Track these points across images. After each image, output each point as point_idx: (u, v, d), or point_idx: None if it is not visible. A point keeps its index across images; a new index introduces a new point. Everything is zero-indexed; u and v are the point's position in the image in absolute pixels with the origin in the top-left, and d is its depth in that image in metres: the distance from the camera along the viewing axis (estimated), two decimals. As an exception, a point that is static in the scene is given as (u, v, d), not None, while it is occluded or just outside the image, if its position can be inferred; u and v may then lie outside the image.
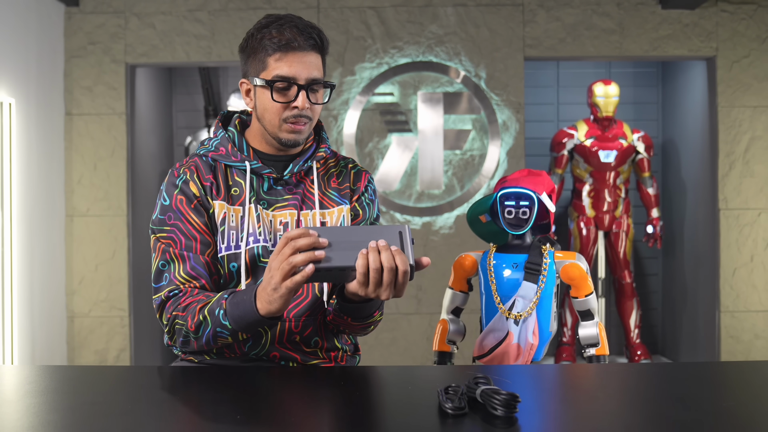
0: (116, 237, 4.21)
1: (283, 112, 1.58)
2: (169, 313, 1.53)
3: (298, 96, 1.57)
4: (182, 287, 1.55)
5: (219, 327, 1.47)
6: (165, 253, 1.57)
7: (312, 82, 1.58)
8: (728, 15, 4.22)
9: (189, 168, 1.63)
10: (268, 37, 1.56)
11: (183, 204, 1.59)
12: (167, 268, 1.57)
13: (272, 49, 1.55)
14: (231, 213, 1.60)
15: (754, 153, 4.23)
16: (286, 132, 1.59)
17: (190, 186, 1.60)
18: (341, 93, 4.25)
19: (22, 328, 3.67)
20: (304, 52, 1.56)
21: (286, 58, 1.55)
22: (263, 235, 1.60)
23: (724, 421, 1.17)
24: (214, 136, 1.68)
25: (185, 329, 1.51)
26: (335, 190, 1.69)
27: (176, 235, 1.58)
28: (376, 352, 4.25)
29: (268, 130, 1.61)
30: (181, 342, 1.54)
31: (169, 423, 1.22)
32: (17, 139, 3.64)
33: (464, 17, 4.24)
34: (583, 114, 5.03)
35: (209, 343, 1.51)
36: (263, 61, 1.57)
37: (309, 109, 1.59)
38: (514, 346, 2.04)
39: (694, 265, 4.64)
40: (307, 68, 1.57)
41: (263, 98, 1.59)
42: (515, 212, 2.07)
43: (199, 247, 1.57)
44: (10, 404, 1.29)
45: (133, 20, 4.22)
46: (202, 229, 1.59)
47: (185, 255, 1.56)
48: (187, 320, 1.50)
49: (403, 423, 1.17)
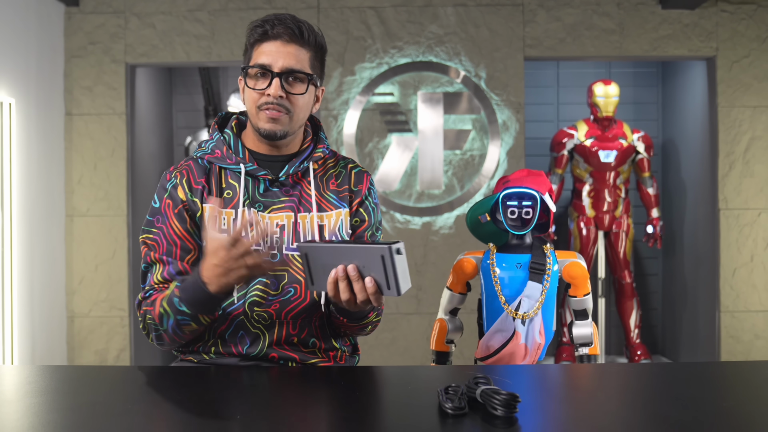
0: (116, 237, 4.21)
1: (259, 100, 1.59)
2: (142, 311, 1.58)
3: (272, 83, 1.57)
4: (157, 287, 1.59)
5: (179, 315, 1.51)
6: (147, 255, 1.62)
7: (288, 71, 1.58)
8: (728, 15, 4.22)
9: (180, 172, 1.64)
10: (253, 28, 1.60)
11: (169, 208, 1.62)
12: (147, 269, 1.62)
13: (253, 39, 1.60)
14: (223, 216, 1.60)
15: (754, 153, 4.23)
16: (263, 121, 1.59)
17: (178, 191, 1.62)
18: (341, 93, 4.25)
19: (22, 328, 3.67)
20: (281, 41, 1.58)
21: (262, 46, 1.58)
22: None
23: (724, 421, 1.17)
24: (210, 138, 1.68)
25: (154, 323, 1.55)
26: (333, 193, 1.68)
27: (160, 238, 1.61)
28: (376, 352, 4.25)
29: (252, 122, 1.63)
30: (155, 336, 1.58)
31: (169, 423, 1.22)
32: (17, 139, 3.64)
33: (464, 17, 4.24)
34: (583, 114, 5.02)
35: (176, 333, 1.54)
36: (249, 54, 1.61)
37: (286, 99, 1.58)
38: (522, 346, 2.04)
39: (694, 265, 4.64)
40: (284, 57, 1.58)
41: (245, 89, 1.62)
42: (518, 212, 2.07)
43: (179, 253, 1.60)
44: (10, 404, 1.29)
45: (133, 20, 4.22)
46: (183, 236, 1.60)
47: (164, 259, 1.60)
48: (152, 314, 1.55)
49: (403, 423, 1.17)
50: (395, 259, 1.28)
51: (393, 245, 1.27)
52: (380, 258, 1.29)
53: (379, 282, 1.33)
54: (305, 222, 1.62)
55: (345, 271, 1.36)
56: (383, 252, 1.28)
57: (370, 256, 1.30)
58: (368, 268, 1.33)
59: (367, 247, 1.31)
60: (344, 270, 1.36)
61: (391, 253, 1.27)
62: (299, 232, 1.61)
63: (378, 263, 1.30)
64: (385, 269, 1.30)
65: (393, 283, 1.30)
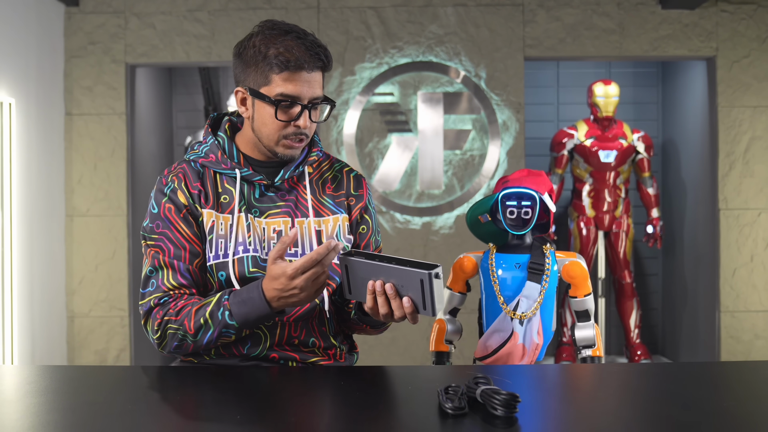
0: (116, 237, 4.21)
1: (284, 129, 1.56)
2: (159, 318, 1.53)
3: (301, 115, 1.55)
4: (171, 293, 1.55)
5: (224, 327, 1.49)
6: (154, 259, 1.57)
7: (314, 101, 1.57)
8: (728, 15, 4.22)
9: (177, 176, 1.61)
10: (275, 52, 1.52)
11: (171, 213, 1.58)
12: (155, 274, 1.56)
13: (279, 67, 1.52)
14: (220, 221, 1.59)
15: (754, 153, 4.23)
16: (284, 147, 1.58)
17: (178, 195, 1.59)
18: (341, 93, 4.25)
19: (22, 328, 3.67)
20: (310, 72, 1.54)
21: (292, 78, 1.53)
22: (253, 245, 1.58)
23: (724, 421, 1.17)
24: (204, 142, 1.66)
25: (181, 333, 1.51)
26: (330, 197, 1.67)
27: (164, 243, 1.57)
28: (375, 352, 4.25)
29: (264, 143, 1.59)
30: (175, 346, 1.54)
31: (169, 423, 1.22)
32: (17, 139, 3.64)
33: (464, 17, 4.24)
34: (583, 114, 5.02)
35: (209, 344, 1.52)
36: (266, 76, 1.54)
37: (308, 127, 1.58)
38: (519, 347, 2.04)
39: (694, 265, 4.64)
40: (312, 88, 1.55)
41: (263, 112, 1.56)
42: (517, 212, 2.07)
43: (188, 257, 1.57)
44: (10, 404, 1.29)
45: (133, 20, 4.22)
46: (191, 239, 1.58)
47: (174, 264, 1.56)
48: (183, 324, 1.51)
49: (403, 423, 1.18)
50: (433, 283, 1.33)
51: (432, 271, 1.32)
52: (419, 282, 1.34)
53: (415, 302, 1.38)
54: (303, 227, 1.62)
55: (383, 287, 1.40)
56: (422, 276, 1.33)
57: (410, 278, 1.35)
58: (406, 288, 1.37)
59: (407, 270, 1.35)
60: (382, 285, 1.40)
61: (430, 278, 1.33)
62: (297, 237, 1.61)
63: (417, 285, 1.35)
64: (423, 292, 1.35)
65: (429, 305, 1.35)
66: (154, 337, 1.55)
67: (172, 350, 1.55)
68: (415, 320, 1.41)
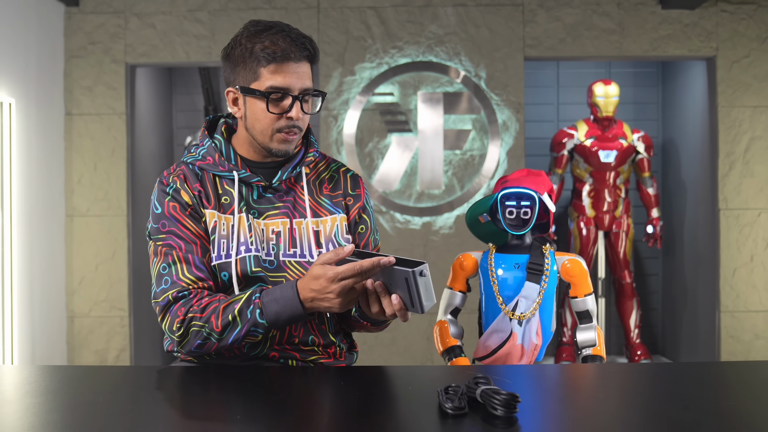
0: (116, 237, 4.21)
1: (276, 122, 1.57)
2: (182, 315, 1.50)
3: (293, 107, 1.56)
4: (191, 288, 1.53)
5: (253, 326, 1.48)
6: (167, 255, 1.55)
7: (305, 92, 1.58)
8: (728, 15, 4.22)
9: (178, 176, 1.61)
10: (261, 47, 1.54)
11: (177, 210, 1.58)
12: (168, 270, 1.55)
13: (266, 60, 1.54)
14: (222, 222, 1.59)
15: (754, 153, 4.23)
16: (278, 142, 1.59)
17: (182, 194, 1.59)
18: (341, 93, 4.25)
19: (22, 328, 3.67)
20: (297, 62, 1.55)
21: (280, 69, 1.54)
22: (255, 245, 1.58)
23: (724, 421, 1.17)
24: (200, 144, 1.66)
25: (206, 331, 1.49)
26: (327, 198, 1.67)
27: (174, 240, 1.56)
28: (375, 352, 4.25)
29: (258, 140, 1.60)
30: (197, 345, 1.51)
31: (169, 423, 1.22)
32: (17, 139, 3.64)
33: (464, 17, 4.24)
34: (583, 114, 5.02)
35: (234, 343, 1.50)
36: (255, 71, 1.55)
37: (300, 119, 1.58)
38: (518, 347, 2.04)
39: (694, 265, 4.64)
40: (301, 78, 1.56)
41: (255, 108, 1.57)
42: (516, 212, 2.07)
43: (200, 251, 1.56)
44: (10, 404, 1.29)
45: (133, 20, 4.22)
46: (199, 235, 1.58)
47: (189, 258, 1.55)
48: (210, 321, 1.48)
49: (403, 423, 1.18)
50: (418, 280, 1.35)
51: (417, 268, 1.34)
52: (404, 280, 1.36)
53: (404, 300, 1.40)
54: (301, 228, 1.62)
55: (373, 285, 1.41)
56: (407, 275, 1.35)
57: (396, 276, 1.38)
58: (394, 286, 1.40)
59: (393, 268, 1.38)
60: (372, 284, 1.41)
61: (415, 276, 1.35)
62: (295, 238, 1.61)
63: (403, 283, 1.37)
64: (409, 289, 1.37)
65: (417, 302, 1.37)
66: (176, 335, 1.51)
67: (193, 350, 1.52)
68: (406, 318, 1.42)
